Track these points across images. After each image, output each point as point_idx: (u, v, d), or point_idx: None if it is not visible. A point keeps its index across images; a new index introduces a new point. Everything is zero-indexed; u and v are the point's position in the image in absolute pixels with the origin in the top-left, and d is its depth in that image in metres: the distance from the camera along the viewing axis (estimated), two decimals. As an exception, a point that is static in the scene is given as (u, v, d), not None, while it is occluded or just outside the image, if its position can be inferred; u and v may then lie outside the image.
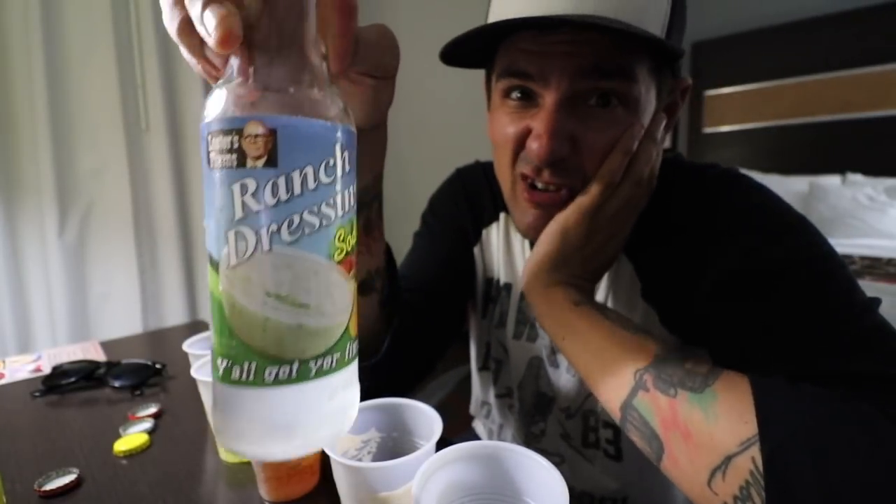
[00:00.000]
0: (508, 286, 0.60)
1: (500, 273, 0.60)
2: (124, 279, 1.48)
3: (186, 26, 0.22)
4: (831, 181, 2.51)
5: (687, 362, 0.33)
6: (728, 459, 0.27)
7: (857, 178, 2.48)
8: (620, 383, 0.33)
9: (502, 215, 0.60)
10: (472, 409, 0.73)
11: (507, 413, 0.65)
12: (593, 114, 0.40)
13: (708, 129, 3.13)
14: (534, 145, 0.40)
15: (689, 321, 0.43)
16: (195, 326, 1.01)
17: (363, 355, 0.36)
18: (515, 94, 0.43)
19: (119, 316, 1.48)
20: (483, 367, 0.68)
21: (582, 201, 0.42)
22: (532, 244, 0.54)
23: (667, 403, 0.31)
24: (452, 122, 2.58)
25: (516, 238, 0.59)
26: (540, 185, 0.43)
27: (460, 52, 0.44)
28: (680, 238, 0.44)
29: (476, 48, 0.44)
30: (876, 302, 0.35)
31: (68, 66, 1.35)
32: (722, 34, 2.99)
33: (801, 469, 0.25)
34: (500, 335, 0.62)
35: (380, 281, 0.44)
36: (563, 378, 0.55)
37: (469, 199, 0.63)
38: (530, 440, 0.61)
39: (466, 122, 2.65)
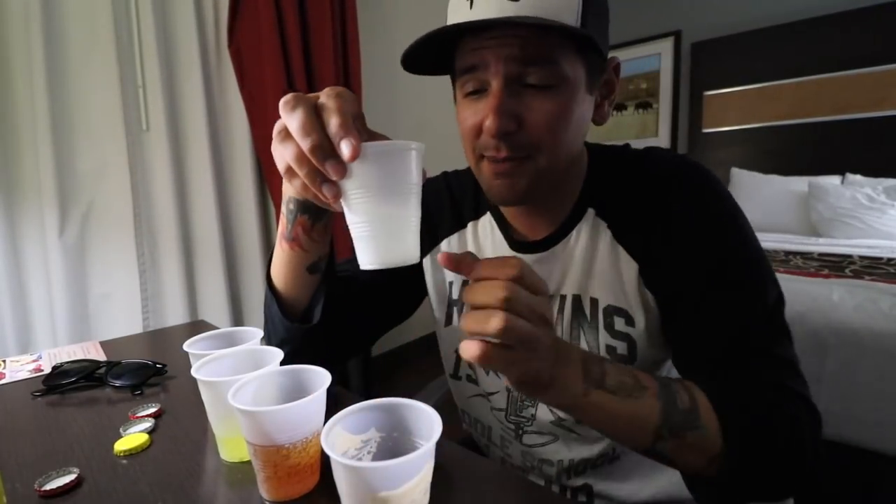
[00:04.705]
0: None
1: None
2: (125, 279, 1.48)
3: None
4: (831, 181, 2.51)
5: (679, 399, 0.44)
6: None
7: (856, 178, 2.48)
8: (643, 440, 0.44)
9: (470, 224, 0.66)
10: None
11: (488, 412, 0.66)
12: (532, 94, 0.48)
13: (707, 130, 3.13)
14: (487, 122, 0.48)
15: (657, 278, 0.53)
16: (195, 326, 1.01)
17: (302, 320, 0.58)
18: (470, 88, 0.51)
19: (119, 316, 1.48)
20: (455, 375, 0.68)
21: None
22: (499, 219, 0.63)
23: (679, 444, 0.44)
24: (452, 122, 2.58)
25: (486, 239, 0.64)
26: (499, 158, 0.51)
27: (422, 61, 0.51)
28: (639, 204, 0.54)
29: (433, 56, 0.52)
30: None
31: (68, 66, 1.35)
32: (721, 34, 2.99)
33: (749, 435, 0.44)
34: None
35: (324, 264, 0.57)
36: None
37: (426, 211, 0.64)
38: (522, 425, 0.62)
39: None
